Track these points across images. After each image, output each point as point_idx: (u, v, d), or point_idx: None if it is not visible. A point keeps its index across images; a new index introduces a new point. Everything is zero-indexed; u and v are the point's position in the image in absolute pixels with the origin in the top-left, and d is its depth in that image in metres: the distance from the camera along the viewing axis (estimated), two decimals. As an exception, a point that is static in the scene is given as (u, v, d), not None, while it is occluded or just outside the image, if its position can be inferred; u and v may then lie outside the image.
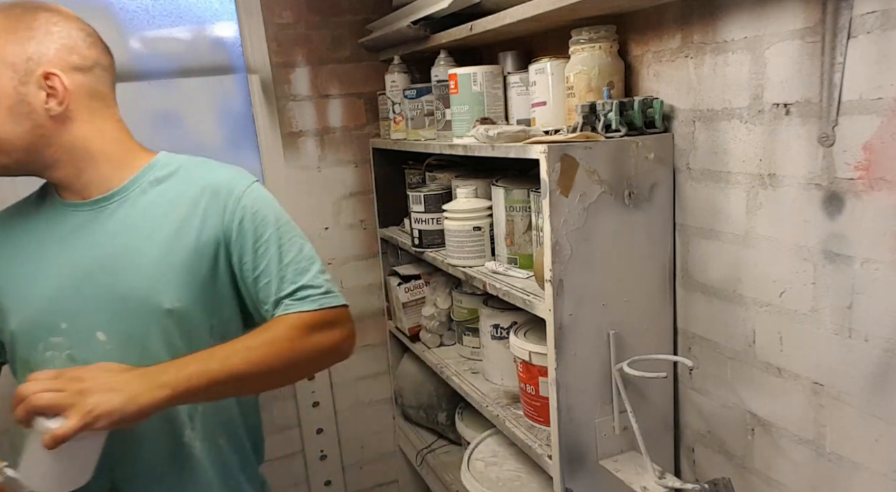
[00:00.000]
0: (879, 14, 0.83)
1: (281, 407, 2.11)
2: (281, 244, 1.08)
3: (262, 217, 1.08)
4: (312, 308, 1.05)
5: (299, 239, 1.11)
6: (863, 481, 0.95)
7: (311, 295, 1.06)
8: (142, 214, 1.06)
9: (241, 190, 1.09)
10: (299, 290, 1.06)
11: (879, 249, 0.87)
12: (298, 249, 1.10)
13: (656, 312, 1.22)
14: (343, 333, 1.09)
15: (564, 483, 1.17)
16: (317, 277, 1.09)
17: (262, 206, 1.10)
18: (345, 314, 1.10)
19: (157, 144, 1.83)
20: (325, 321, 1.06)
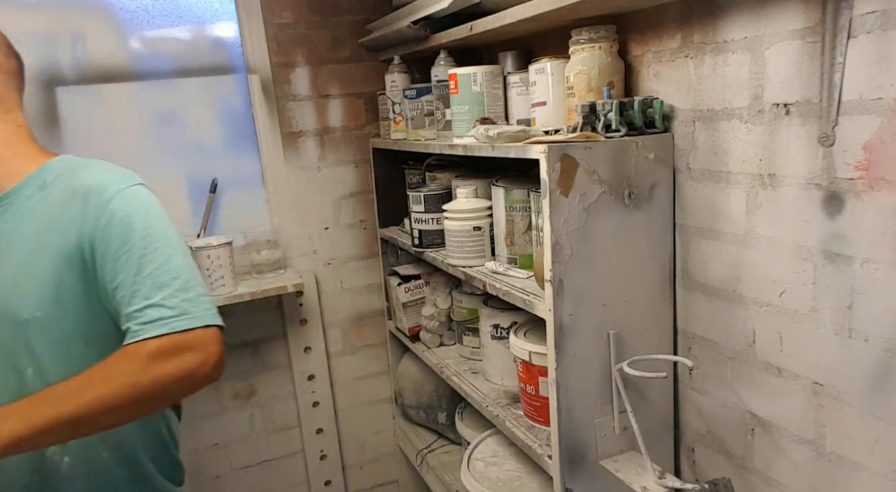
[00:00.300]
0: (879, 14, 0.83)
1: (281, 407, 2.11)
2: (144, 254, 0.97)
3: (128, 223, 0.98)
4: (156, 334, 0.93)
5: (169, 251, 0.99)
6: (863, 481, 0.95)
7: (160, 318, 0.94)
8: (20, 221, 1.01)
9: (113, 192, 1.00)
10: (148, 308, 0.94)
11: (879, 249, 0.87)
12: (163, 262, 0.98)
13: (656, 312, 1.22)
14: (198, 358, 0.94)
15: (564, 483, 1.17)
16: (174, 295, 0.96)
17: (133, 211, 1.00)
18: (204, 337, 0.96)
19: (157, 143, 1.86)
20: (173, 348, 0.93)
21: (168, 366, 0.92)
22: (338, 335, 2.16)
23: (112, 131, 1.81)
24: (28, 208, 1.01)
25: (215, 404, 2.02)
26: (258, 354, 2.06)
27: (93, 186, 1.00)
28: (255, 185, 1.99)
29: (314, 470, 2.17)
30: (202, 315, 0.97)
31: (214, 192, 1.93)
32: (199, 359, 0.95)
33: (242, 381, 2.05)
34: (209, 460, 2.04)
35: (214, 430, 2.03)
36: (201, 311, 0.97)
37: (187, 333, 0.94)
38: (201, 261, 1.77)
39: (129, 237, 0.97)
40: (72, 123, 1.76)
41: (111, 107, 1.80)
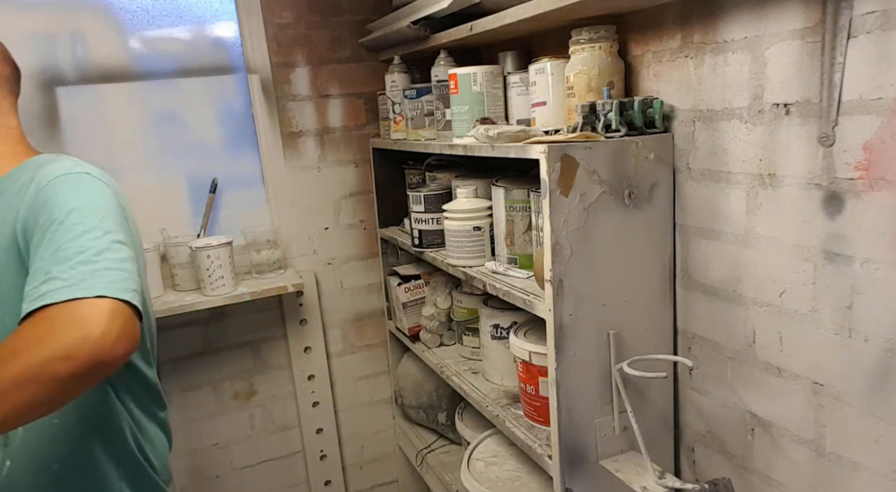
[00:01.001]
0: (879, 14, 0.83)
1: (281, 407, 2.11)
2: (60, 231, 0.88)
3: (59, 204, 0.90)
4: (36, 306, 0.81)
5: (87, 227, 0.89)
6: (863, 481, 0.95)
7: (49, 291, 0.82)
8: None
9: (49, 180, 0.94)
10: (43, 283, 0.83)
11: (879, 249, 0.87)
12: (74, 237, 0.87)
13: (656, 312, 1.22)
14: (77, 333, 0.79)
15: (564, 483, 1.17)
16: (73, 267, 0.84)
17: (62, 194, 0.92)
18: (90, 308, 0.81)
19: (157, 144, 1.86)
20: (50, 321, 0.80)
21: (44, 343, 0.79)
22: (338, 335, 2.16)
23: (112, 131, 1.81)
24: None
25: (215, 404, 2.02)
26: (258, 354, 2.06)
27: (36, 177, 0.96)
28: (255, 185, 1.99)
29: (314, 470, 2.17)
30: (96, 285, 0.83)
31: (214, 192, 1.93)
32: (80, 332, 0.79)
33: (242, 381, 2.05)
34: (209, 460, 2.04)
35: (214, 430, 2.03)
36: (100, 282, 0.83)
37: (68, 304, 0.81)
38: (201, 261, 1.77)
39: (51, 223, 0.89)
40: (72, 122, 1.76)
41: (111, 107, 1.80)
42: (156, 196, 1.87)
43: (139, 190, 1.84)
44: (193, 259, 1.79)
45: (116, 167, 1.82)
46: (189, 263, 1.82)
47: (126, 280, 0.87)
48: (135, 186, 1.83)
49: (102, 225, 0.91)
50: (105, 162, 1.79)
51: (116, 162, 1.82)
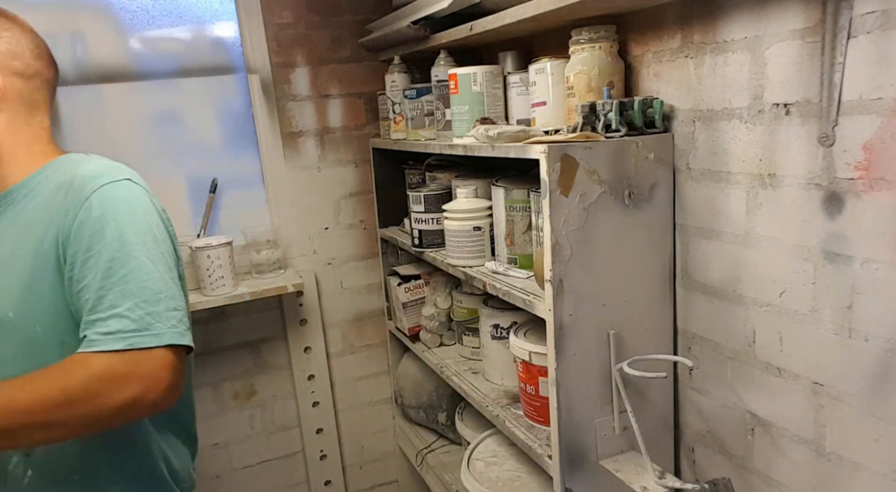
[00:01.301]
0: (879, 14, 0.83)
1: (281, 407, 2.11)
2: (115, 257, 0.90)
3: (104, 222, 0.92)
4: (109, 348, 0.85)
5: (143, 257, 0.92)
6: (863, 481, 0.95)
7: (120, 331, 0.86)
8: (14, 219, 0.99)
9: (92, 187, 0.94)
10: (111, 318, 0.87)
11: (879, 249, 0.87)
12: (134, 268, 0.90)
13: (656, 312, 1.22)
14: (142, 386, 0.86)
15: (564, 483, 1.17)
16: (139, 306, 0.88)
17: (111, 208, 0.93)
18: (158, 361, 0.88)
19: (157, 144, 1.85)
20: (121, 371, 0.86)
21: (110, 390, 0.85)
22: (338, 335, 2.16)
23: (112, 131, 1.81)
24: (22, 206, 1.00)
25: (215, 404, 2.02)
26: (258, 354, 2.06)
27: (75, 180, 0.96)
28: (255, 185, 1.99)
29: (314, 470, 2.17)
30: (166, 333, 0.89)
31: (214, 192, 1.93)
32: (142, 387, 0.86)
33: (242, 381, 2.05)
34: (209, 460, 2.04)
35: (214, 430, 2.03)
36: (167, 327, 0.90)
37: (141, 353, 0.87)
38: (201, 261, 1.77)
39: (102, 237, 0.91)
40: (71, 122, 1.76)
41: (111, 107, 1.80)
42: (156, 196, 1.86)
43: (139, 190, 1.85)
44: (193, 259, 1.79)
45: (116, 167, 1.82)
46: (189, 263, 1.81)
47: (183, 320, 0.93)
48: (135, 186, 1.84)
49: (154, 250, 0.94)
50: (105, 162, 1.81)
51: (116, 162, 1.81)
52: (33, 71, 1.06)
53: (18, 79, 1.03)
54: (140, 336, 0.87)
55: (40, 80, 1.07)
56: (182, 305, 0.96)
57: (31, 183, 1.02)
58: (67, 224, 0.93)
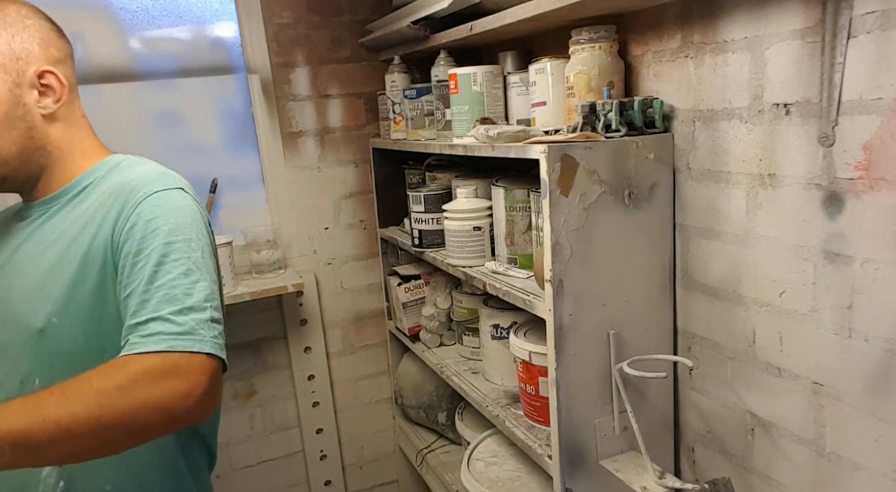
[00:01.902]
0: (879, 14, 0.83)
1: (281, 407, 2.11)
2: (162, 262, 0.88)
3: (154, 227, 0.90)
4: (153, 349, 0.81)
5: (191, 265, 0.89)
6: (863, 481, 0.95)
7: (162, 332, 0.83)
8: (61, 221, 0.97)
9: (145, 194, 0.92)
10: (153, 321, 0.84)
11: (879, 249, 0.87)
12: (181, 274, 0.87)
13: (656, 312, 1.22)
14: (183, 387, 0.80)
15: (564, 483, 1.17)
16: (184, 312, 0.85)
17: (161, 214, 0.91)
18: (200, 365, 0.83)
19: (157, 143, 1.85)
20: (164, 369, 0.80)
21: (149, 389, 0.79)
22: (338, 335, 2.16)
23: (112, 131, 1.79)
24: (70, 208, 0.98)
25: (215, 404, 2.02)
26: (258, 354, 2.06)
27: (127, 186, 0.94)
28: (255, 185, 1.99)
29: (314, 470, 2.17)
30: (208, 341, 0.85)
31: (214, 192, 1.93)
32: (183, 388, 0.81)
33: (242, 381, 2.05)
34: (209, 460, 2.04)
35: (214, 430, 2.03)
36: (209, 336, 0.85)
37: (185, 355, 0.82)
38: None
39: (151, 242, 0.89)
40: (72, 122, 1.76)
41: (111, 107, 1.80)
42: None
43: (139, 190, 1.85)
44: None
45: (116, 167, 1.82)
46: (189, 263, 1.82)
47: (223, 334, 0.89)
48: (135, 186, 1.84)
49: (203, 260, 0.91)
50: (105, 162, 1.81)
51: (116, 162, 1.82)
52: (65, 53, 1.00)
53: (63, 67, 0.99)
54: (183, 340, 0.83)
55: (70, 59, 1.02)
56: (222, 320, 0.92)
57: (81, 183, 0.99)
58: (119, 229, 0.91)
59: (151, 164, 1.03)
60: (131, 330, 0.84)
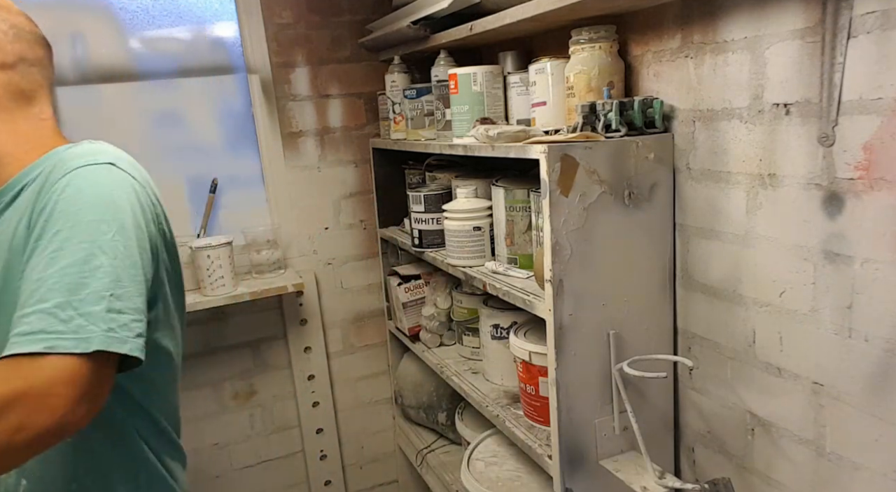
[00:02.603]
0: (879, 14, 0.83)
1: (281, 407, 2.11)
2: (62, 247, 0.77)
3: (62, 208, 0.79)
4: (26, 351, 0.71)
5: (95, 249, 0.78)
6: (863, 481, 0.95)
7: (43, 330, 0.72)
8: (7, 217, 0.89)
9: (64, 171, 0.83)
10: (34, 314, 0.73)
11: (879, 249, 0.87)
12: (81, 260, 0.76)
13: (656, 312, 1.22)
14: (38, 401, 0.69)
15: (564, 483, 1.17)
16: (72, 305, 0.74)
17: (73, 193, 0.80)
18: (60, 369, 0.71)
19: (157, 143, 1.85)
20: (11, 383, 0.69)
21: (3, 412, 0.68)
22: (338, 335, 2.16)
23: (112, 131, 1.81)
24: (18, 203, 0.89)
25: (215, 404, 2.02)
26: (258, 354, 2.06)
27: (56, 164, 0.85)
28: (255, 185, 1.99)
29: (314, 470, 2.17)
30: (98, 336, 0.74)
31: (214, 192, 1.93)
32: (34, 404, 0.69)
33: (242, 381, 2.05)
34: (209, 460, 2.04)
35: (214, 430, 2.03)
36: (100, 330, 0.74)
37: (44, 361, 0.71)
38: (201, 261, 1.77)
39: (54, 224, 0.78)
40: (72, 123, 1.76)
41: (111, 107, 1.80)
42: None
43: (139, 190, 1.84)
44: (193, 259, 1.79)
45: (116, 167, 1.82)
46: (189, 263, 1.82)
47: (130, 325, 0.78)
48: (135, 186, 1.84)
49: (115, 245, 0.80)
50: (105, 162, 1.80)
51: (116, 162, 1.82)
52: (14, 57, 0.92)
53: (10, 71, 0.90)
54: (63, 338, 0.72)
55: (26, 65, 0.93)
56: (137, 308, 0.80)
57: (24, 178, 0.90)
58: (35, 213, 0.81)
59: (93, 144, 0.92)
60: (15, 325, 0.74)
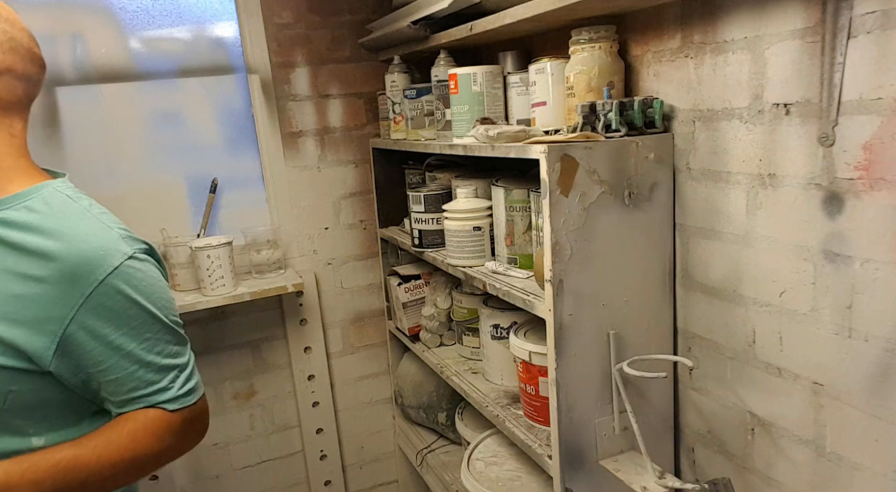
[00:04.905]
0: (879, 14, 0.83)
1: (281, 407, 2.11)
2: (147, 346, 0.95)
3: (134, 317, 0.93)
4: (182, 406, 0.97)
5: (169, 341, 0.97)
6: (863, 481, 0.95)
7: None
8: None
9: (108, 269, 0.88)
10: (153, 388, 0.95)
11: (879, 249, 0.87)
12: (161, 350, 0.96)
13: (656, 312, 1.22)
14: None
15: (564, 483, 1.17)
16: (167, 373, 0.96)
17: (132, 300, 0.92)
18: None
19: (157, 144, 1.85)
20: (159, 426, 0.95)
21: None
22: (338, 335, 2.16)
23: (112, 131, 1.81)
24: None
25: (215, 404, 2.02)
26: (258, 354, 2.06)
27: (76, 253, 0.87)
28: (255, 185, 1.99)
29: (314, 470, 2.17)
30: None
31: (214, 192, 1.93)
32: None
33: (242, 381, 2.05)
34: (209, 460, 2.04)
35: (214, 430, 2.03)
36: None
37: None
38: (201, 261, 1.77)
39: (136, 340, 0.93)
40: (72, 122, 1.76)
41: (111, 107, 1.80)
42: (156, 196, 1.87)
43: (139, 190, 1.84)
44: (193, 259, 1.79)
45: (116, 167, 1.82)
46: (189, 263, 1.82)
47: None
48: (135, 186, 1.84)
49: (170, 333, 0.97)
50: (105, 162, 1.81)
51: (116, 162, 1.82)
52: (2, 66, 0.91)
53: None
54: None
55: (12, 77, 0.92)
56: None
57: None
58: (80, 319, 0.90)
59: (93, 218, 0.92)
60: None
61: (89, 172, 1.79)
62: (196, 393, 0.97)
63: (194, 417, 0.97)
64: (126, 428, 0.92)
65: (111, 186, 1.81)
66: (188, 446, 0.98)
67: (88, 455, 0.89)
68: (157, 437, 0.93)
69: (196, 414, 0.97)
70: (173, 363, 0.96)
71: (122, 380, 0.92)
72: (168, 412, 0.94)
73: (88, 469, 0.88)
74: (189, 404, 0.95)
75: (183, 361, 0.98)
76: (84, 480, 0.88)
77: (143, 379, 0.92)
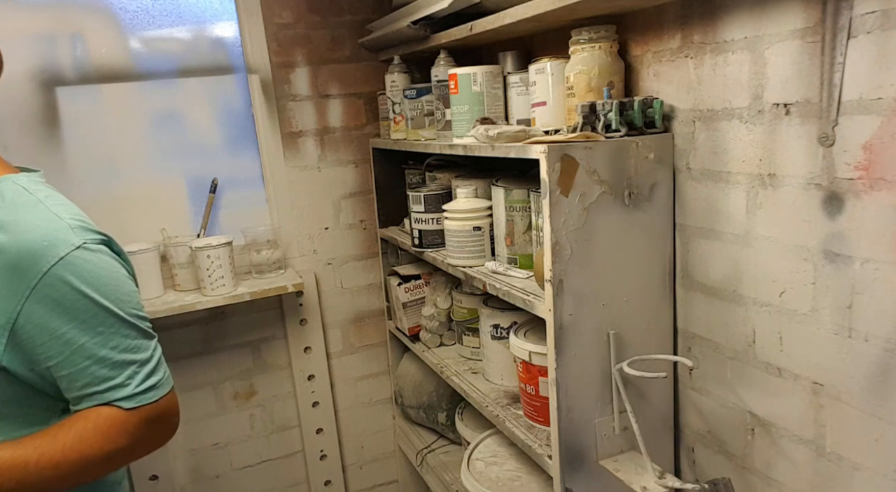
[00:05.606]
0: (879, 14, 0.83)
1: (281, 407, 2.11)
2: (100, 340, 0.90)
3: (82, 305, 0.88)
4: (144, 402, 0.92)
5: (121, 334, 0.91)
6: (863, 481, 0.95)
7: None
8: None
9: (56, 258, 0.85)
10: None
11: (879, 249, 0.87)
12: (115, 347, 0.90)
13: (656, 312, 1.22)
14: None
15: (564, 483, 1.17)
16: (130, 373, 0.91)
17: (83, 289, 0.88)
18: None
19: (157, 143, 1.86)
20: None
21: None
22: (338, 335, 2.16)
23: (112, 131, 1.81)
24: None
25: (215, 404, 2.02)
26: (258, 354, 2.06)
27: (24, 246, 0.85)
28: (255, 185, 2.00)
29: (314, 470, 2.17)
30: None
31: (214, 192, 1.93)
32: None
33: (242, 381, 2.05)
34: (209, 460, 2.04)
35: (214, 430, 2.03)
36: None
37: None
38: (201, 261, 1.77)
39: (82, 332, 0.88)
40: (72, 123, 1.76)
41: (111, 107, 1.80)
42: (156, 196, 1.87)
43: (139, 190, 1.84)
44: (193, 259, 1.79)
45: (116, 167, 1.82)
46: (189, 262, 1.82)
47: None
48: (135, 186, 1.84)
49: (127, 325, 0.91)
50: (105, 162, 1.81)
51: (116, 162, 1.82)
52: None
53: None
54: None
55: None
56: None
57: None
58: (27, 310, 0.87)
59: (49, 211, 0.90)
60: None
61: (89, 172, 1.79)
62: (158, 390, 0.91)
63: (156, 416, 0.91)
64: (75, 427, 0.88)
65: (111, 187, 1.82)
66: (151, 446, 0.93)
67: (28, 455, 0.85)
68: (107, 436, 0.88)
69: (159, 413, 0.92)
70: (131, 359, 0.90)
71: (75, 376, 0.88)
72: (123, 410, 0.89)
73: (26, 469, 0.85)
74: (148, 402, 0.90)
75: (143, 356, 0.91)
76: (21, 480, 0.85)
77: (96, 375, 0.88)
